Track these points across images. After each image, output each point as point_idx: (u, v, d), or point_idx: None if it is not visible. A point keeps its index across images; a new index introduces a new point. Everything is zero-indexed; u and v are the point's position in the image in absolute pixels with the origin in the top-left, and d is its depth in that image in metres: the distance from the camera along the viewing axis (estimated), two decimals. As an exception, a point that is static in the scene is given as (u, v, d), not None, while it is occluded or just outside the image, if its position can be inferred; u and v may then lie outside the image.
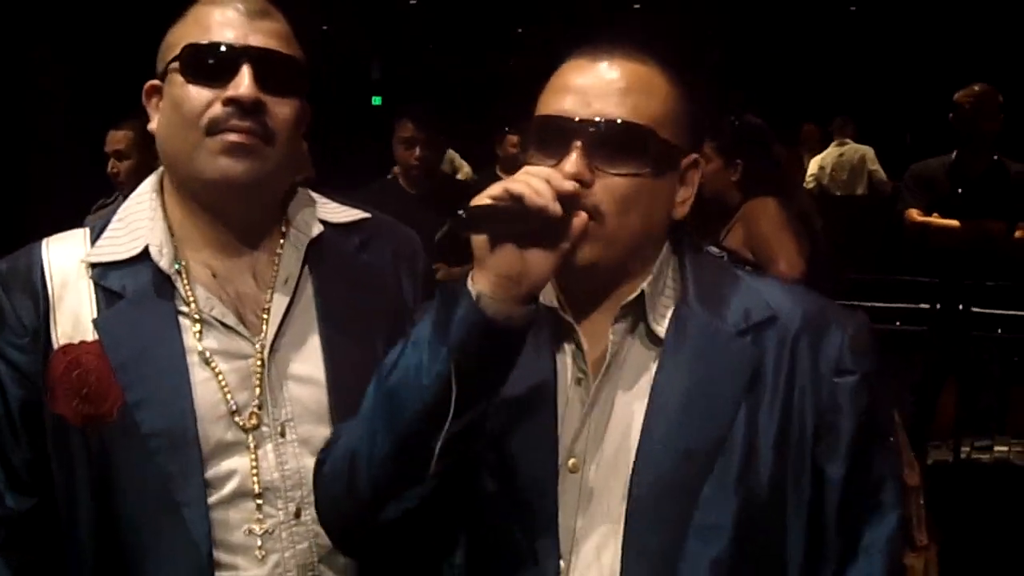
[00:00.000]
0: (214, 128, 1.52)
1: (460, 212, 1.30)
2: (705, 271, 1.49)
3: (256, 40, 1.55)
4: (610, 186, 1.38)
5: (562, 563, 1.40)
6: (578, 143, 1.37)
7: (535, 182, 1.31)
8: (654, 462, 1.38)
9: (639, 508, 1.38)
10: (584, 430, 1.43)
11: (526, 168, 1.36)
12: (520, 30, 14.30)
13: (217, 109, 1.52)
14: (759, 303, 1.45)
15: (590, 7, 11.73)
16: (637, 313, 1.45)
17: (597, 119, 1.39)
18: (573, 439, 1.43)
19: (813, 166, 9.54)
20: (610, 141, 1.38)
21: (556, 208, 1.30)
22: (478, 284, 1.33)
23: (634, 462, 1.39)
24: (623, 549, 1.38)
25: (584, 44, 1.47)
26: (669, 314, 1.44)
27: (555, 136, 1.40)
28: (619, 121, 1.39)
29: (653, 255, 1.47)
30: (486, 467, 1.43)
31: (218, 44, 1.54)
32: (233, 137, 1.52)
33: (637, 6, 13.24)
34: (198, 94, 1.53)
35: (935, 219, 5.07)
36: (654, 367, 1.43)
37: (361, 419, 1.45)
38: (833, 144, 9.62)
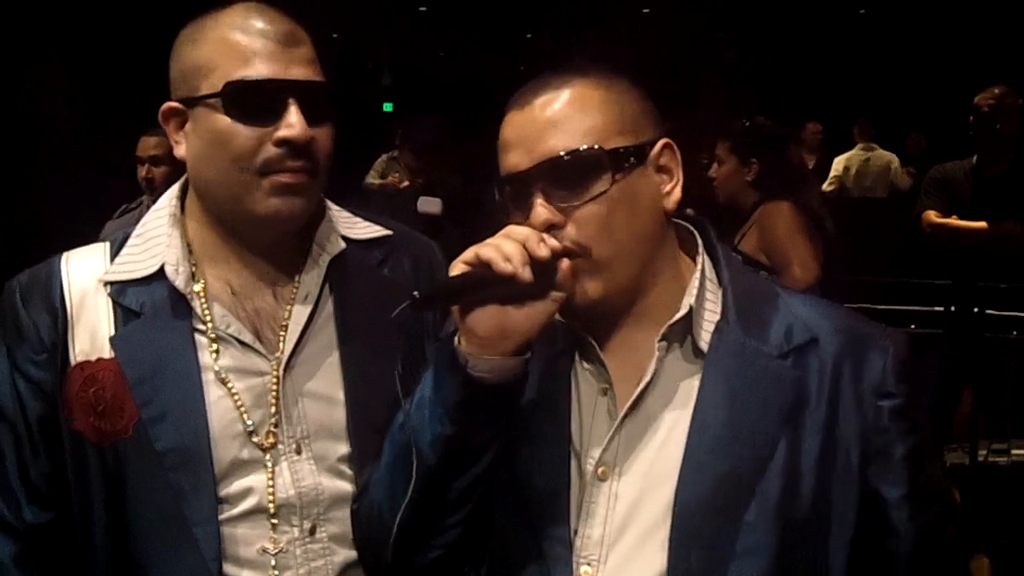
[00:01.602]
0: (267, 169, 1.51)
1: (415, 294, 1.31)
2: (743, 284, 1.47)
3: (297, 72, 1.52)
4: (581, 217, 1.38)
5: (590, 568, 1.40)
6: (536, 192, 1.38)
7: (507, 246, 1.31)
8: (697, 484, 1.38)
9: (682, 529, 1.37)
10: (616, 440, 1.42)
11: (507, 228, 1.36)
12: (530, 36, 14.30)
13: (270, 151, 1.50)
14: (799, 324, 1.44)
15: (600, 11, 11.73)
16: (683, 329, 1.44)
17: (540, 162, 1.38)
18: (603, 448, 1.42)
19: (838, 165, 9.49)
20: (563, 176, 1.38)
21: (525, 275, 1.31)
22: (463, 345, 1.35)
23: (677, 483, 1.38)
24: (668, 567, 1.37)
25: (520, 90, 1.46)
26: (711, 328, 1.43)
27: (516, 194, 1.41)
28: (561, 154, 1.38)
29: (665, 256, 1.45)
30: (500, 480, 1.43)
31: (264, 82, 1.50)
32: (287, 178, 1.51)
33: (647, 10, 13.23)
34: (246, 133, 1.50)
35: (954, 220, 5.05)
36: (694, 383, 1.42)
37: (381, 473, 1.47)
38: (859, 147, 9.56)
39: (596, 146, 1.39)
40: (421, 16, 13.83)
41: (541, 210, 1.37)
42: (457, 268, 1.34)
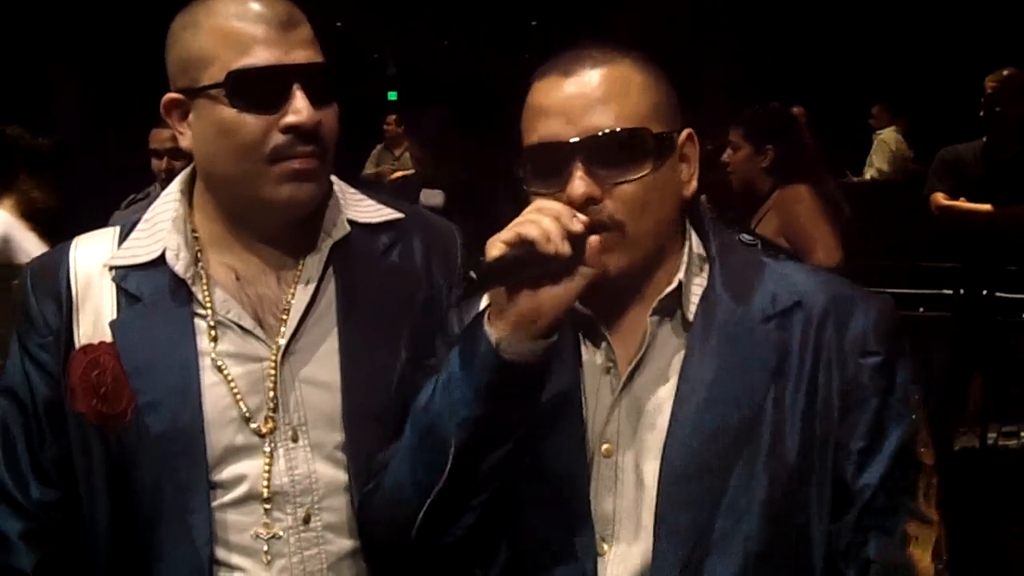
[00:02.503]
0: (277, 156, 1.50)
1: (472, 274, 1.29)
2: (732, 257, 1.50)
3: (299, 56, 1.51)
4: (620, 195, 1.39)
5: (605, 545, 1.42)
6: (578, 164, 1.37)
7: (546, 223, 1.31)
8: (683, 444, 1.40)
9: (669, 488, 1.40)
10: (615, 415, 1.44)
11: (537, 204, 1.36)
12: (534, 23, 14.27)
13: (279, 138, 1.49)
14: (786, 288, 1.47)
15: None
16: (673, 303, 1.46)
17: (589, 135, 1.38)
18: (605, 424, 1.44)
19: (891, 143, 9.56)
20: (608, 153, 1.38)
21: (565, 249, 1.31)
22: (497, 330, 1.35)
23: (664, 444, 1.41)
24: (655, 527, 1.39)
25: (548, 62, 1.45)
26: (698, 301, 1.46)
27: (551, 162, 1.40)
28: (612, 131, 1.38)
29: (674, 240, 1.49)
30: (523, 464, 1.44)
31: (267, 69, 1.49)
32: (298, 164, 1.51)
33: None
34: (253, 122, 1.49)
35: (961, 203, 5.03)
36: (682, 353, 1.44)
37: (403, 454, 1.47)
38: (891, 130, 9.72)
39: (645, 127, 1.40)
40: (424, 4, 13.81)
41: (580, 183, 1.37)
42: (496, 248, 1.32)
